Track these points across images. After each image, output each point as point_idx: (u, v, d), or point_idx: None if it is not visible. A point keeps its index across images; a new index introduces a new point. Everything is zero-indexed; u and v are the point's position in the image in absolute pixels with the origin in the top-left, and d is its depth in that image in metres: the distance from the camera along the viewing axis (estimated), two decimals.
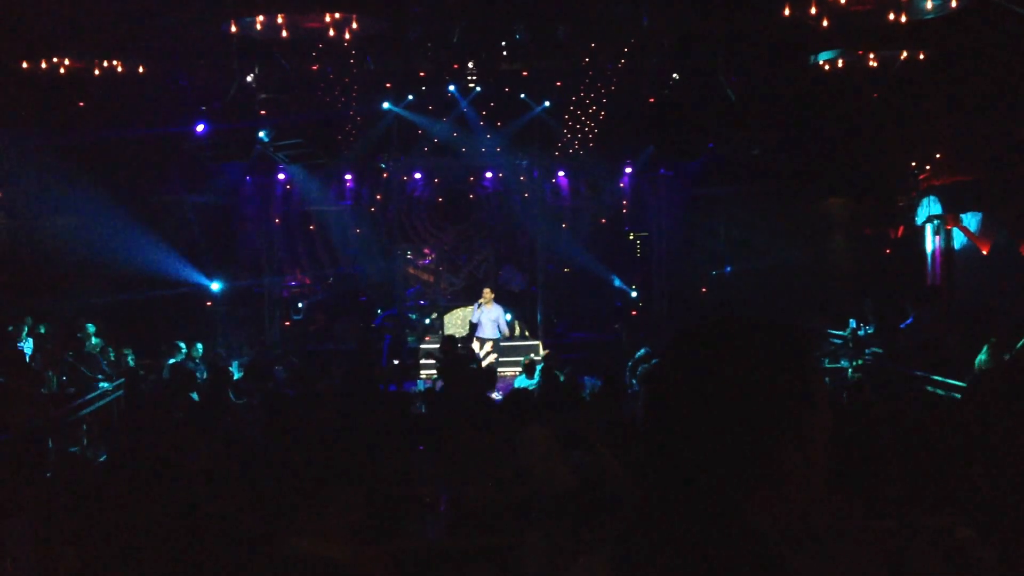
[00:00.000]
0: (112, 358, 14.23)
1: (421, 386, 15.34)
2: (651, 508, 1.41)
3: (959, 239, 17.78)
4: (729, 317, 1.47)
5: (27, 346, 13.68)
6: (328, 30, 12.14)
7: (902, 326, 14.83)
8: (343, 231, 20.20)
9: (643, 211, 20.67)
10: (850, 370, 14.31)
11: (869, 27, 12.11)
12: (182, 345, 14.26)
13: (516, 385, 13.42)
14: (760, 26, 12.81)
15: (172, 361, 13.73)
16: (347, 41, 13.07)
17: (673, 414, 1.42)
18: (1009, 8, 11.15)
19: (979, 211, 16.79)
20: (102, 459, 9.01)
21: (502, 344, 16.58)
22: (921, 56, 14.23)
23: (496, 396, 13.72)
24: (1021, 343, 10.52)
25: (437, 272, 20.58)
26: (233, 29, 11.86)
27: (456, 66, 16.12)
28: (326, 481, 3.34)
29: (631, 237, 21.06)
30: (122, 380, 12.72)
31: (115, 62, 14.17)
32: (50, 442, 9.58)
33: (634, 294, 20.12)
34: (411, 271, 20.61)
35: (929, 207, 18.05)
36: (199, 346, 14.51)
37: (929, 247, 18.52)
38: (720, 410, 1.38)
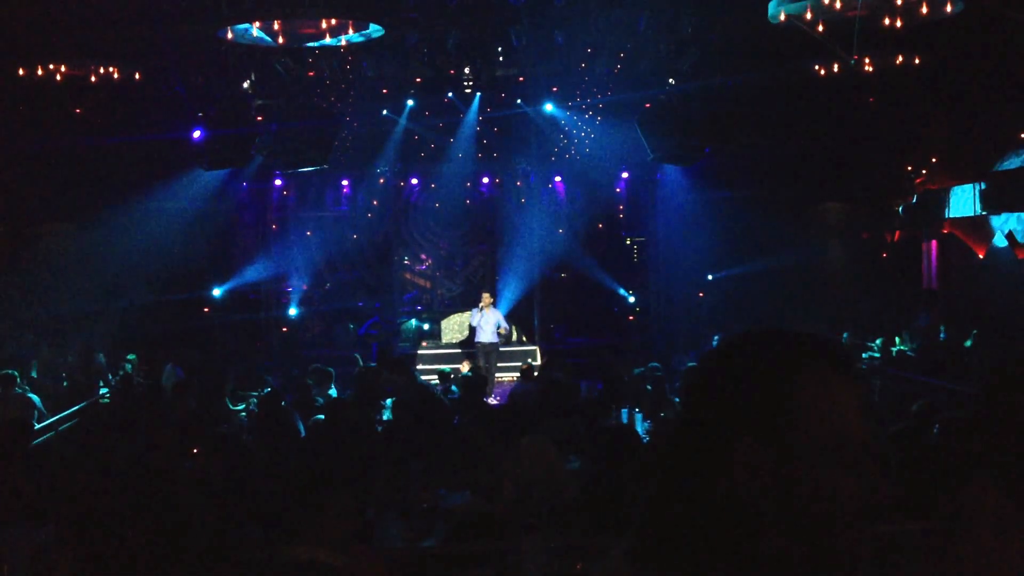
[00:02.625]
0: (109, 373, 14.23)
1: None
2: (664, 519, 1.42)
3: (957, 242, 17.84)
4: (762, 329, 1.47)
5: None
6: (324, 36, 12.14)
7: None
8: (340, 237, 20.19)
9: (640, 215, 20.68)
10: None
11: (864, 32, 12.14)
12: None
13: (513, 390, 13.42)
14: (755, 31, 12.82)
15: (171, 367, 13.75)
16: (343, 47, 13.08)
17: (686, 425, 1.44)
18: (1004, 12, 11.19)
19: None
20: (98, 467, 8.99)
21: (500, 349, 16.58)
22: (917, 61, 14.26)
23: (493, 401, 13.74)
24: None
25: (434, 278, 20.59)
26: (229, 35, 11.85)
27: (452, 72, 16.13)
28: (322, 487, 3.34)
29: (628, 242, 21.07)
30: (117, 386, 12.71)
31: (112, 69, 14.18)
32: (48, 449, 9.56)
33: (632, 299, 20.12)
34: (408, 277, 20.61)
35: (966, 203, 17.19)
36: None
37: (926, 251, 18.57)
38: (721, 423, 1.39)
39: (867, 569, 1.41)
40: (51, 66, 13.77)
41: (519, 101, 17.82)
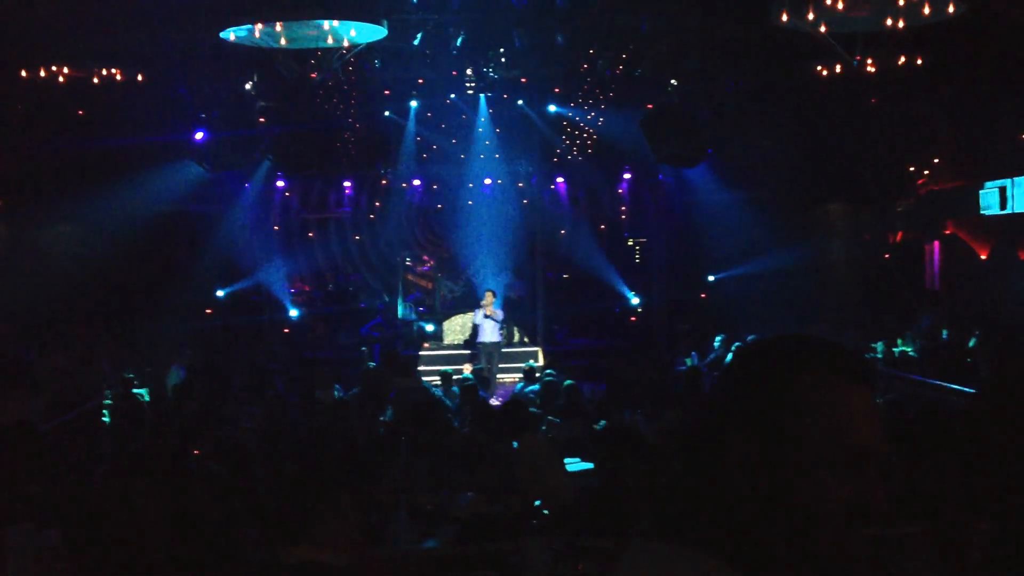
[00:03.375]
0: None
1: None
2: (672, 509, 1.45)
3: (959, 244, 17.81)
4: (776, 335, 1.50)
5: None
6: (327, 38, 12.16)
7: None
8: (342, 239, 20.20)
9: (642, 217, 20.67)
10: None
11: (867, 33, 12.13)
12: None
13: (516, 391, 13.42)
14: (758, 32, 12.83)
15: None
16: (346, 49, 13.09)
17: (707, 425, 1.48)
18: (1007, 13, 11.18)
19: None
20: (100, 468, 8.98)
21: (503, 350, 16.57)
22: (919, 61, 14.25)
23: (495, 402, 13.72)
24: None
25: (436, 279, 20.57)
26: (232, 37, 11.87)
27: (455, 73, 16.14)
28: (326, 489, 3.34)
29: (630, 243, 21.06)
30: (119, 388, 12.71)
31: (114, 70, 14.20)
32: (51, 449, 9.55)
33: (635, 300, 20.09)
34: (410, 278, 20.60)
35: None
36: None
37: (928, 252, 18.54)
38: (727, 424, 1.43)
39: (863, 571, 1.42)
40: (54, 68, 13.80)
41: (521, 102, 17.82)
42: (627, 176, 20.36)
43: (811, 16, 11.09)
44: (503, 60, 15.42)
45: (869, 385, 1.43)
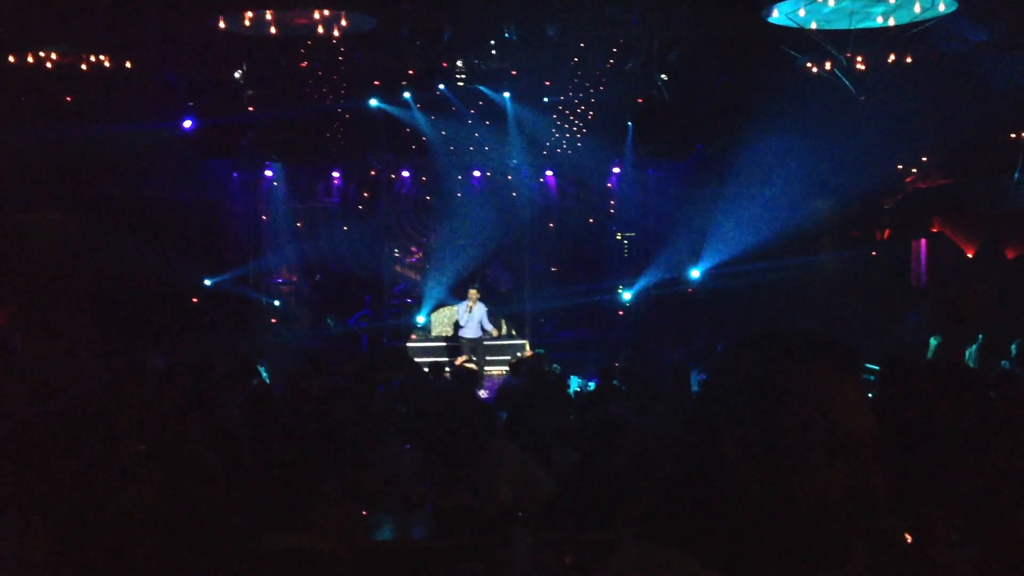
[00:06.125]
0: None
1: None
2: (669, 503, 1.45)
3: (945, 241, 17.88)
4: (769, 328, 1.51)
5: None
6: (317, 27, 12.13)
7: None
8: (330, 229, 20.15)
9: (630, 211, 20.69)
10: None
11: (857, 29, 12.16)
12: None
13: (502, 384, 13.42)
14: (748, 27, 12.85)
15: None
16: (336, 38, 13.06)
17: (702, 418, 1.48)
18: (996, 12, 11.22)
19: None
20: (85, 456, 8.93)
21: (486, 343, 16.58)
22: (908, 60, 14.29)
23: (484, 394, 13.74)
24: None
25: (424, 270, 20.56)
26: (221, 25, 11.82)
27: (445, 64, 16.10)
28: (312, 478, 3.33)
29: (619, 237, 21.08)
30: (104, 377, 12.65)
31: (103, 57, 14.12)
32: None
33: (625, 294, 20.10)
34: (398, 269, 20.57)
35: None
36: None
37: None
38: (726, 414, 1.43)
39: (861, 562, 1.43)
40: (41, 54, 13.70)
41: (510, 95, 17.80)
42: (616, 170, 20.37)
43: (802, 12, 11.11)
44: (494, 52, 15.39)
45: (859, 374, 1.44)
